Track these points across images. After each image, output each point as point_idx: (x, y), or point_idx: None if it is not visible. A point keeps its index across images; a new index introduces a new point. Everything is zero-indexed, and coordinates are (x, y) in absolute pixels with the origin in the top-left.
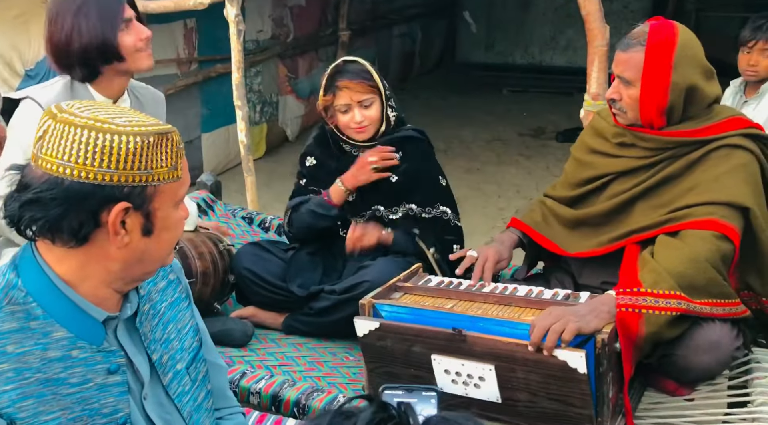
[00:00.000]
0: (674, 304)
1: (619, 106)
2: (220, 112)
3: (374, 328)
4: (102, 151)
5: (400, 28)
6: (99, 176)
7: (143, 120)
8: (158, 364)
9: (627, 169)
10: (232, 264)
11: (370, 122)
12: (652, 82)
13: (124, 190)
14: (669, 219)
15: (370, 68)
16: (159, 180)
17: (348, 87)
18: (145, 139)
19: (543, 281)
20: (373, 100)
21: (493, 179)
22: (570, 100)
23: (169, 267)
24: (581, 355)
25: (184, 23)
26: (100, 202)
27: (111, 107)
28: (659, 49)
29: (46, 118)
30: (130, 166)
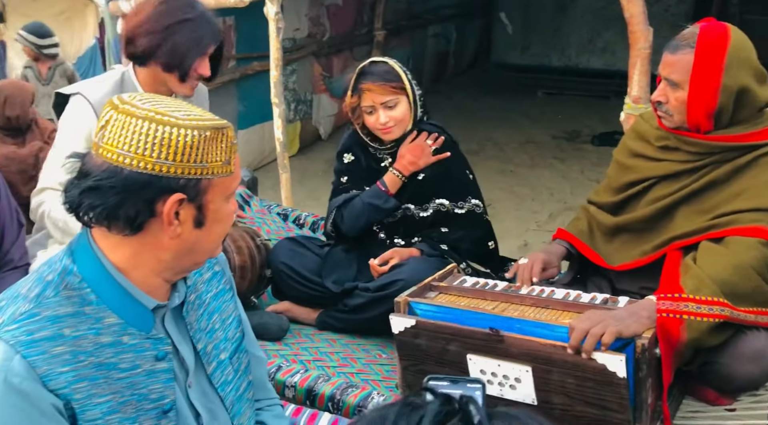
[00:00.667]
0: (717, 311)
1: (666, 108)
2: (256, 109)
3: (410, 326)
4: (161, 142)
5: (434, 28)
6: (157, 167)
7: (201, 114)
8: (203, 353)
9: (670, 173)
10: (268, 259)
11: (396, 123)
12: (702, 85)
13: (180, 181)
14: (713, 225)
15: (396, 68)
16: (213, 173)
17: (371, 89)
18: (202, 132)
19: (580, 285)
20: (397, 101)
21: (526, 182)
22: (606, 103)
23: (214, 259)
24: (621, 359)
25: (223, 21)
26: (156, 192)
27: (171, 101)
28: (710, 50)
29: (109, 109)
30: (186, 159)
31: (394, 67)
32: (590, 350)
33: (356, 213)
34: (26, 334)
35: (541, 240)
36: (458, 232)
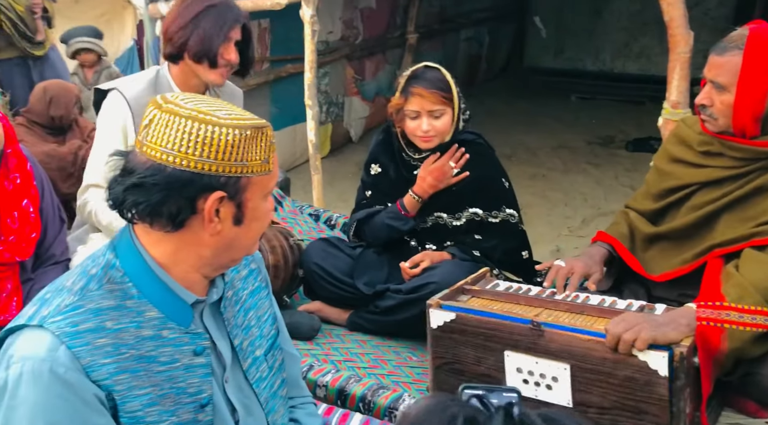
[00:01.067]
0: (760, 321)
1: (710, 112)
2: (289, 111)
3: (449, 320)
4: (203, 141)
5: (467, 32)
6: (199, 165)
7: (241, 114)
8: (239, 349)
9: (712, 179)
10: (301, 259)
11: (437, 133)
12: (749, 88)
13: (221, 179)
14: (757, 232)
15: (448, 78)
16: (252, 172)
17: (421, 94)
18: (243, 132)
19: (615, 291)
20: (443, 112)
21: (559, 187)
22: (642, 108)
23: (251, 257)
24: (663, 356)
25: (258, 23)
26: (198, 190)
27: (212, 100)
28: (759, 52)
29: (152, 108)
30: (227, 157)
31: (446, 76)
32: (629, 340)
33: (376, 231)
34: (71, 326)
35: (573, 245)
36: (492, 241)
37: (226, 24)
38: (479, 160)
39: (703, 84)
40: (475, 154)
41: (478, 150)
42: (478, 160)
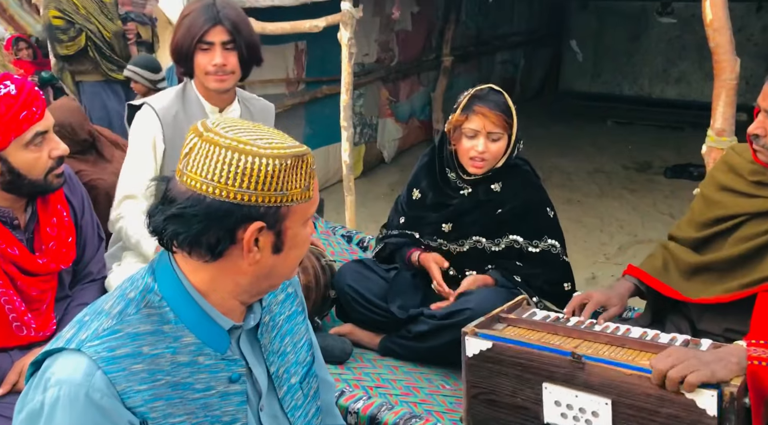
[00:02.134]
0: None
1: (764, 142)
2: (322, 131)
3: (486, 348)
4: (243, 172)
5: (502, 55)
6: (239, 196)
7: (282, 141)
8: (275, 376)
9: (764, 210)
10: (334, 280)
11: (491, 157)
12: None
13: (261, 209)
14: None
15: (510, 104)
16: (292, 200)
17: (484, 114)
18: (284, 161)
19: (658, 324)
20: (501, 136)
21: (594, 212)
22: (680, 134)
23: (288, 281)
24: (713, 394)
25: (296, 45)
26: (237, 221)
27: (253, 127)
28: None
29: (193, 136)
30: (267, 188)
31: (509, 101)
32: (677, 378)
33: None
34: (108, 351)
35: (609, 273)
36: (534, 269)
37: (192, 30)
38: (525, 187)
39: (756, 112)
40: (521, 180)
41: (524, 176)
42: (524, 187)
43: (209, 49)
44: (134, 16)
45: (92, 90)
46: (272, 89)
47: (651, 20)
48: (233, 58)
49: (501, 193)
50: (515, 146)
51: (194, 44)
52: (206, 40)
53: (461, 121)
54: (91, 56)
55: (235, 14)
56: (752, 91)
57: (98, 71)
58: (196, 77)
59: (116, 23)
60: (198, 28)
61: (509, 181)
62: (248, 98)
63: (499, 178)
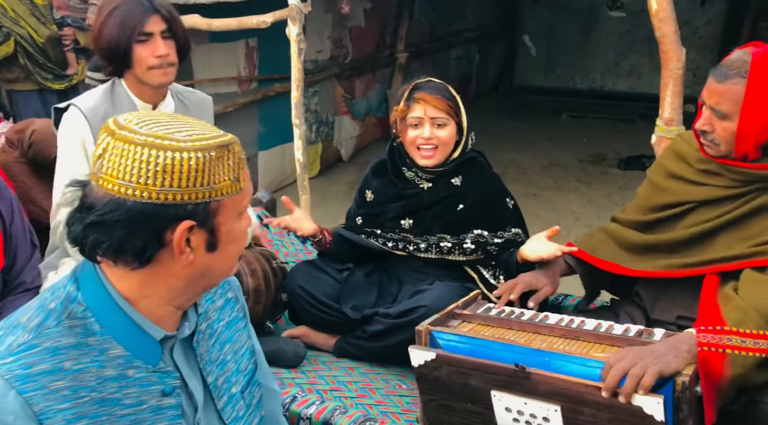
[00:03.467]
0: (763, 345)
1: (711, 138)
2: (277, 130)
3: (430, 359)
4: (164, 169)
5: (457, 51)
6: (162, 196)
7: (203, 132)
8: (213, 387)
9: (711, 198)
10: (285, 282)
11: (439, 144)
12: (754, 116)
13: (188, 207)
14: (757, 252)
15: (453, 91)
16: (222, 194)
17: (425, 99)
18: (207, 154)
19: (611, 314)
20: (446, 122)
21: (550, 206)
22: (632, 126)
23: (227, 285)
24: (659, 401)
25: (246, 42)
26: (163, 222)
27: (170, 119)
28: (763, 81)
29: (105, 136)
30: (192, 183)
31: (451, 90)
32: (630, 393)
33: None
34: (23, 368)
35: None
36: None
37: (133, 19)
38: (484, 179)
39: (700, 106)
40: (480, 172)
41: (482, 169)
42: (481, 180)
43: (148, 41)
44: (71, 20)
45: (25, 101)
46: (223, 88)
47: (602, 14)
48: (173, 48)
49: (461, 187)
50: (467, 137)
51: (133, 37)
52: (145, 30)
53: (404, 112)
54: (21, 63)
55: (166, 2)
56: (699, 83)
57: (31, 80)
58: (131, 73)
59: (50, 28)
60: (135, 19)
61: (469, 175)
62: (182, 91)
63: (459, 172)
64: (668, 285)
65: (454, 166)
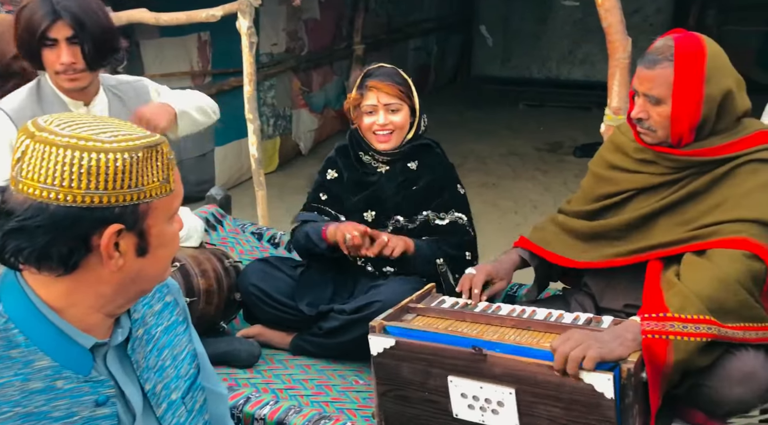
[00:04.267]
0: (704, 329)
1: (648, 125)
2: (234, 125)
3: (389, 346)
4: (88, 171)
5: (415, 42)
6: (87, 199)
7: (130, 132)
8: (151, 394)
9: (648, 185)
10: (238, 281)
11: (395, 128)
12: (685, 98)
13: (115, 210)
14: (694, 236)
15: (403, 73)
16: (151, 196)
17: (377, 87)
18: (134, 154)
19: (563, 303)
20: (400, 107)
21: (509, 195)
22: (588, 114)
23: (166, 289)
24: (609, 378)
25: (198, 36)
26: (90, 226)
27: (93, 120)
28: (689, 62)
29: (24, 138)
30: (119, 185)
31: (402, 73)
32: (574, 372)
33: (299, 239)
34: None
35: None
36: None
37: (35, 23)
38: (435, 166)
39: (631, 95)
40: (433, 159)
41: (437, 157)
42: (434, 166)
43: (54, 46)
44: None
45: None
46: (176, 83)
47: (555, 3)
48: (79, 54)
49: (417, 171)
50: (420, 120)
51: (37, 41)
52: (49, 36)
53: (358, 100)
54: None
55: (77, 5)
56: None
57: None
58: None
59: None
60: (37, 23)
61: (424, 160)
62: (115, 85)
63: (415, 156)
64: (615, 275)
65: (410, 149)
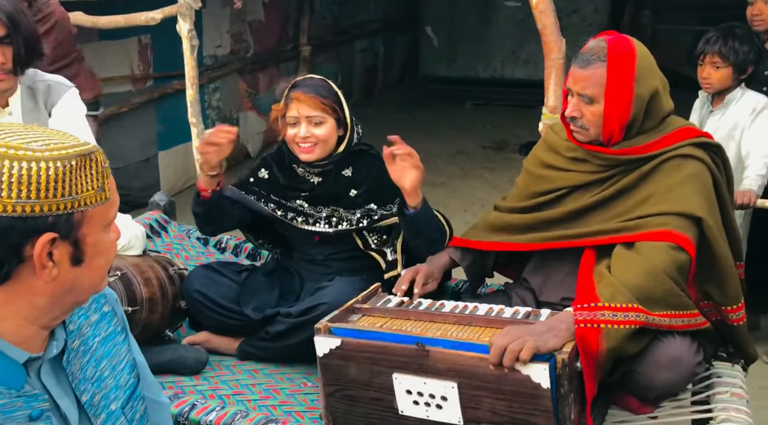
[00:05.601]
0: (632, 317)
1: (581, 123)
2: (177, 129)
3: (335, 347)
4: (19, 180)
5: (362, 43)
6: (18, 208)
7: (62, 141)
8: (88, 405)
9: (580, 183)
10: (183, 288)
11: (317, 141)
12: (617, 97)
13: (49, 219)
14: (623, 227)
15: (332, 86)
16: (86, 204)
17: (299, 98)
18: (67, 163)
19: (505, 297)
20: (323, 120)
21: (457, 194)
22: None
23: (103, 299)
24: (545, 368)
25: (139, 39)
26: (22, 236)
27: (24, 129)
28: (621, 62)
29: None
30: (52, 194)
31: (330, 85)
32: (510, 365)
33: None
34: None
35: None
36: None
37: None
38: (371, 168)
39: (565, 94)
40: (369, 162)
41: (373, 159)
42: (370, 168)
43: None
44: None
45: None
46: (116, 87)
47: (498, 4)
48: (10, 55)
49: (353, 177)
50: (352, 132)
51: None
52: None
53: (282, 110)
54: None
55: (11, 5)
56: None
57: None
58: None
59: None
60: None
61: (359, 166)
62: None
63: (349, 164)
64: (552, 270)
65: (343, 158)
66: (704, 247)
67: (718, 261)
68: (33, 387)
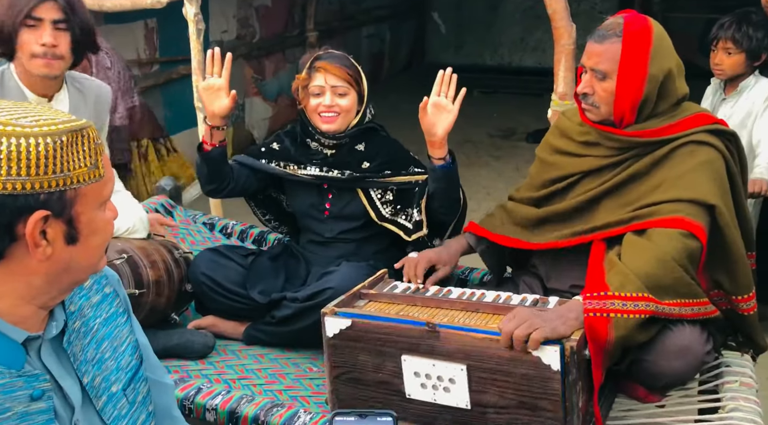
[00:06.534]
0: (642, 306)
1: (592, 100)
2: (185, 114)
3: (345, 327)
4: (8, 156)
5: (368, 29)
6: (9, 185)
7: (53, 117)
8: (90, 387)
9: (592, 168)
10: (189, 271)
11: (341, 111)
12: (630, 74)
13: (41, 197)
14: (635, 216)
15: (354, 62)
16: (79, 182)
17: (326, 68)
18: (57, 139)
19: (512, 285)
20: (347, 91)
21: (463, 181)
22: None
23: (105, 280)
24: (555, 350)
25: (145, 23)
26: (13, 214)
27: (14, 105)
28: (637, 39)
29: None
30: (43, 171)
31: (352, 59)
32: (520, 345)
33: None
34: None
35: None
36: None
37: (16, 7)
38: (386, 144)
39: (580, 73)
40: (379, 141)
41: (381, 138)
42: (385, 145)
43: (37, 26)
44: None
45: None
46: None
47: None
48: (65, 40)
49: (365, 151)
50: (366, 107)
51: (20, 20)
52: (35, 15)
53: (306, 81)
54: None
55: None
56: None
57: None
58: (18, 61)
59: None
60: (25, 1)
61: (372, 142)
62: (78, 77)
63: (362, 139)
64: (561, 257)
65: (356, 132)
66: (716, 235)
67: (729, 250)
68: (33, 367)
